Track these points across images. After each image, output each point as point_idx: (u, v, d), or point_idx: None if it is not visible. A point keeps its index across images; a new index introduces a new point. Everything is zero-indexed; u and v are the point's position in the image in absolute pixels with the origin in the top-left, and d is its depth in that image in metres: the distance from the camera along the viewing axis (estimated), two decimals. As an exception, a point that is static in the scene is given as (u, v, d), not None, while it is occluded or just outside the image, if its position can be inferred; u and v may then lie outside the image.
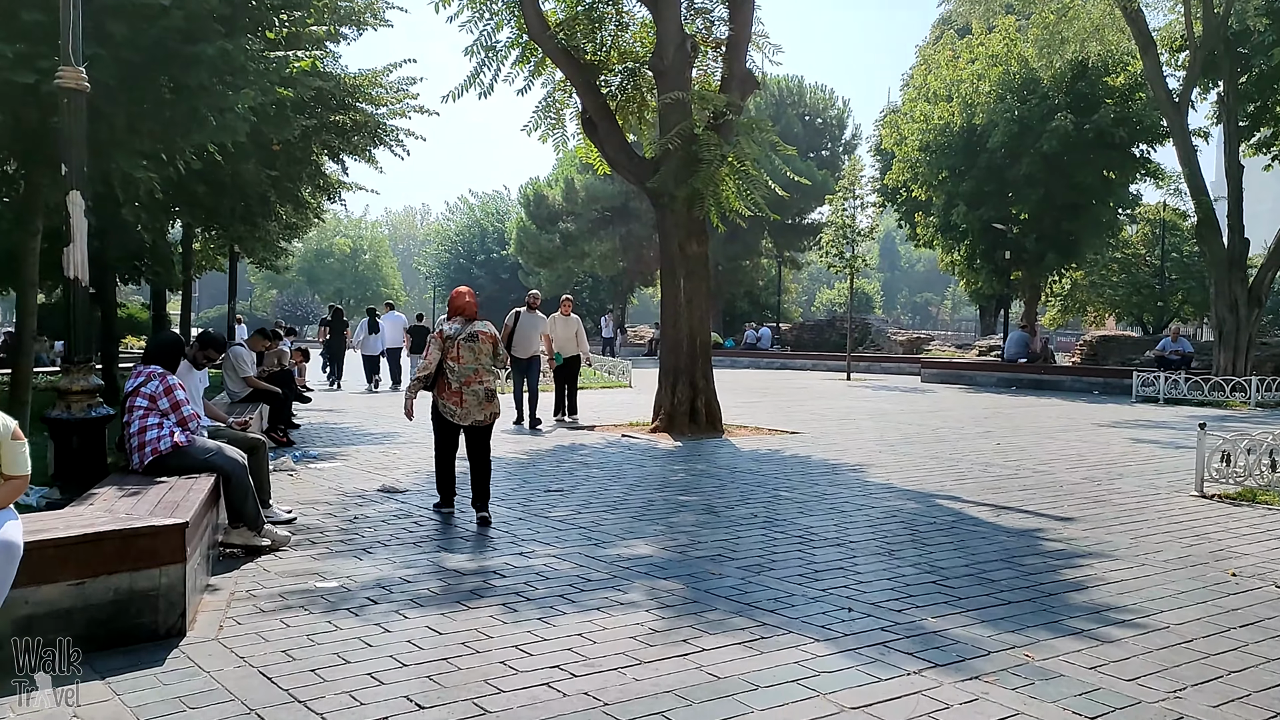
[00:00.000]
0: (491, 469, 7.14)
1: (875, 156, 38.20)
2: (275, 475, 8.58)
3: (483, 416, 6.96)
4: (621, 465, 9.67)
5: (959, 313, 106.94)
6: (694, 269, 12.58)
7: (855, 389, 22.13)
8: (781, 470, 9.43)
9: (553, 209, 44.98)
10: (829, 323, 41.10)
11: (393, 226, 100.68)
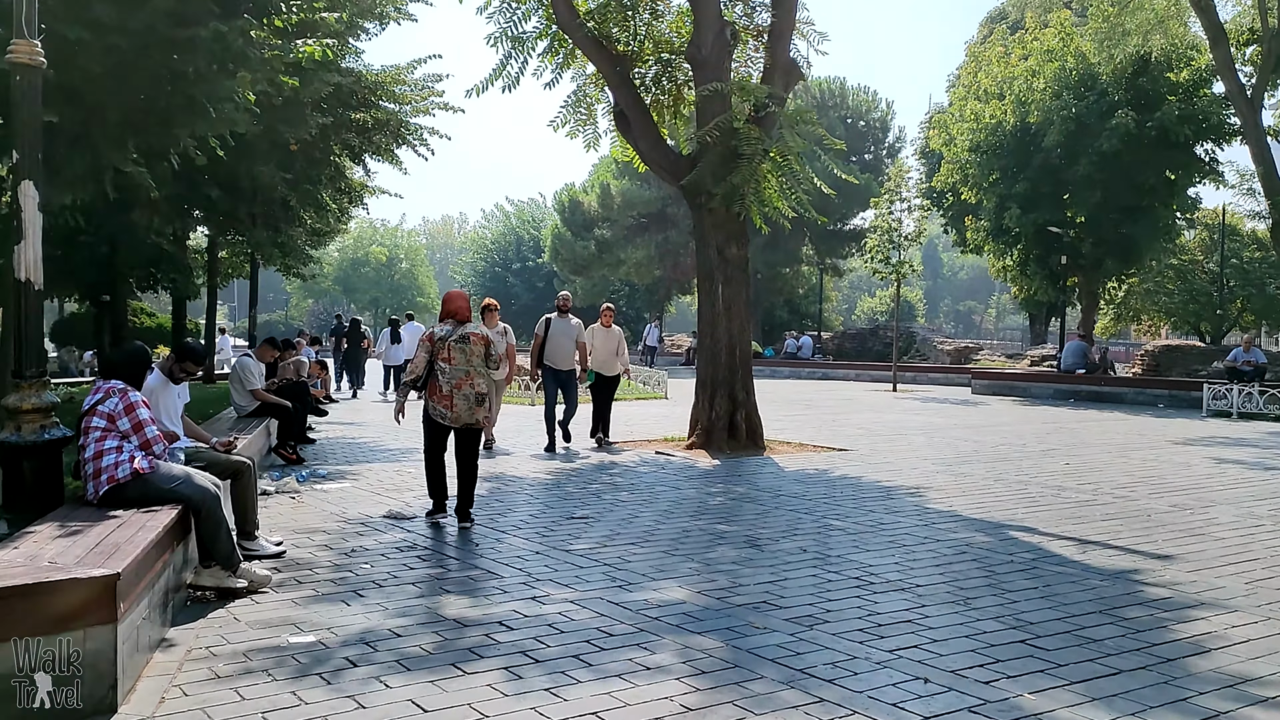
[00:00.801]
0: (478, 476, 7.13)
1: (920, 160, 37.08)
2: (276, 498, 7.89)
3: (473, 420, 6.94)
4: (654, 487, 8.83)
5: (1003, 321, 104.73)
6: (733, 274, 11.73)
7: (902, 400, 21.10)
8: (831, 494, 8.53)
9: (588, 215, 44.33)
10: (872, 331, 39.92)
11: (430, 235, 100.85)
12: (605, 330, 11.84)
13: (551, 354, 11.25)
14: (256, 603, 4.93)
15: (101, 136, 7.33)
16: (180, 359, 5.81)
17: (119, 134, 7.33)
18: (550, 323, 11.38)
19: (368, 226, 61.71)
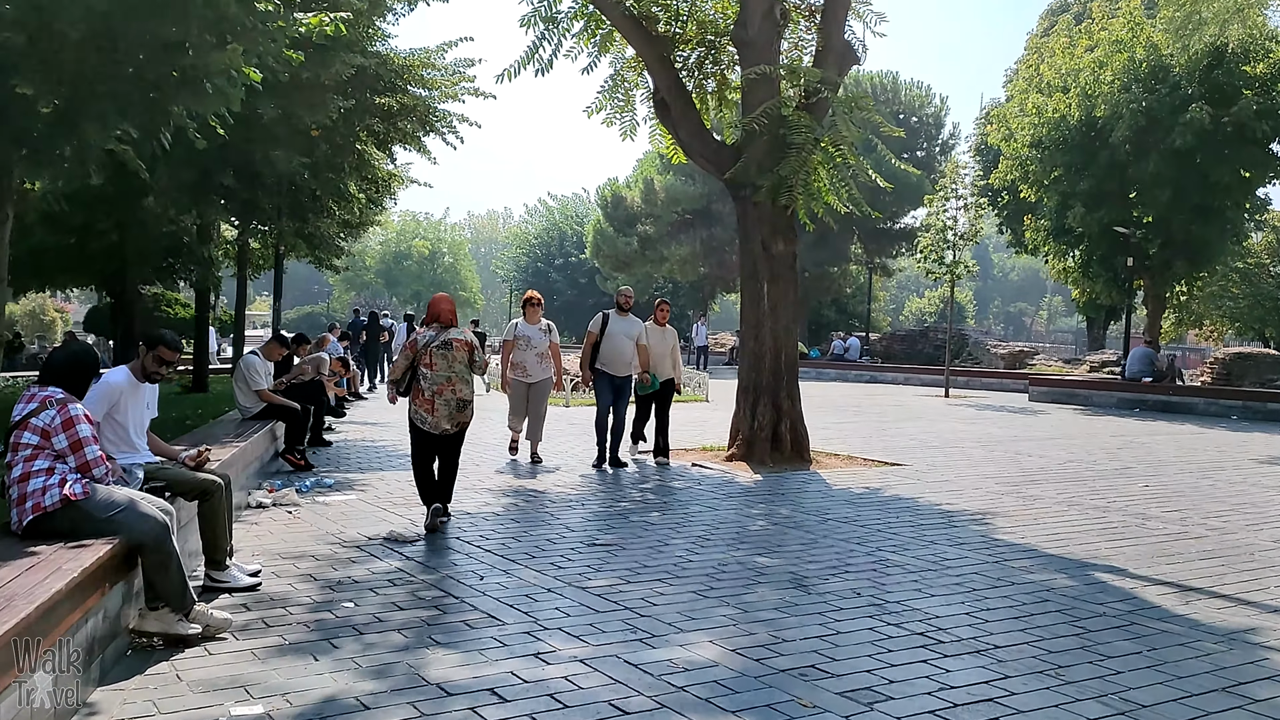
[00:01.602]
0: (456, 472, 7.18)
1: (975, 157, 35.70)
2: (271, 513, 7.18)
3: (450, 426, 6.93)
4: (689, 507, 7.99)
5: (1054, 324, 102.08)
6: (779, 272, 10.84)
7: (956, 408, 20.00)
8: (885, 520, 7.62)
9: (631, 211, 43.53)
10: (921, 333, 38.66)
11: (475, 229, 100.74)
12: (660, 330, 10.47)
13: (608, 356, 9.87)
14: (209, 653, 4.18)
15: (84, 112, 6.66)
16: (152, 347, 5.05)
17: (103, 110, 6.65)
18: (608, 320, 9.94)
19: (410, 220, 61.47)
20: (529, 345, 9.92)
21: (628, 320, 10.03)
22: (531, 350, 9.93)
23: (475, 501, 7.93)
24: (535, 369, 9.96)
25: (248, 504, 7.36)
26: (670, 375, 10.45)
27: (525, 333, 9.96)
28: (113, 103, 6.77)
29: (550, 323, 10.27)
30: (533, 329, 9.99)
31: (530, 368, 9.94)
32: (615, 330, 9.87)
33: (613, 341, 9.84)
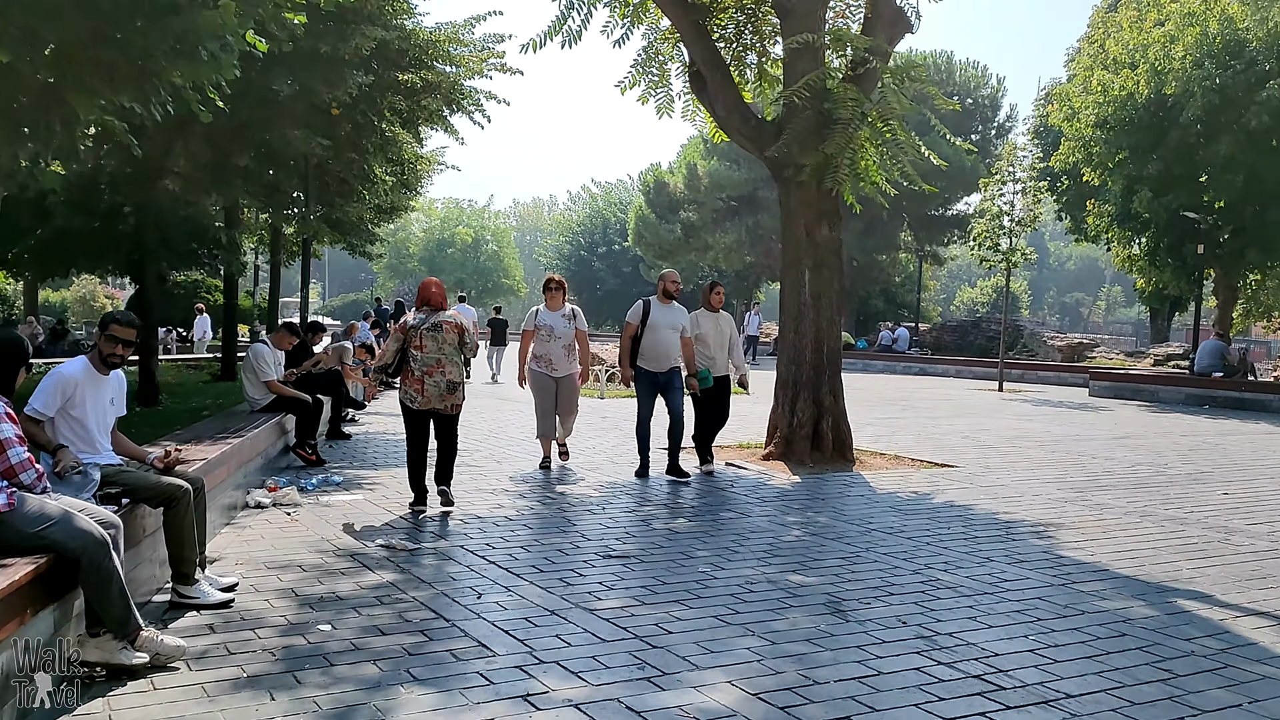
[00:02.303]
0: (457, 449, 7.29)
1: (1034, 140, 34.34)
2: (268, 514, 6.69)
3: (443, 406, 7.02)
4: (718, 513, 7.35)
5: (1112, 315, 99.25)
6: (824, 259, 10.12)
7: (1011, 403, 19.06)
8: (935, 531, 6.91)
9: (674, 197, 42.77)
10: (973, 323, 37.44)
11: (521, 217, 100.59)
12: (713, 317, 9.04)
13: (649, 350, 8.56)
14: (155, 688, 3.66)
15: (69, 82, 6.19)
16: (103, 327, 4.53)
17: (89, 79, 6.17)
18: (650, 309, 8.60)
19: (454, 207, 61.35)
20: (552, 335, 8.77)
21: (672, 309, 8.67)
22: (556, 341, 8.77)
23: (488, 503, 7.38)
24: (562, 362, 8.80)
25: (245, 504, 6.89)
26: (726, 371, 9.08)
27: (547, 321, 8.80)
28: (99, 71, 6.29)
29: (575, 308, 9.07)
30: (555, 316, 8.83)
31: (556, 361, 8.78)
32: (658, 321, 8.55)
33: (655, 334, 8.52)
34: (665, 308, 8.69)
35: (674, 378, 8.69)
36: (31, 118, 6.40)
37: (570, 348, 8.87)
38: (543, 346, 8.82)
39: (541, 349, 8.82)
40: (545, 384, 8.85)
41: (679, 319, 8.66)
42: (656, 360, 8.58)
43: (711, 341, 8.93)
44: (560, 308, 8.92)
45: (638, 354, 8.60)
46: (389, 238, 59.42)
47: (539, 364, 8.84)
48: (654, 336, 8.54)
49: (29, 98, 6.39)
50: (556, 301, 8.92)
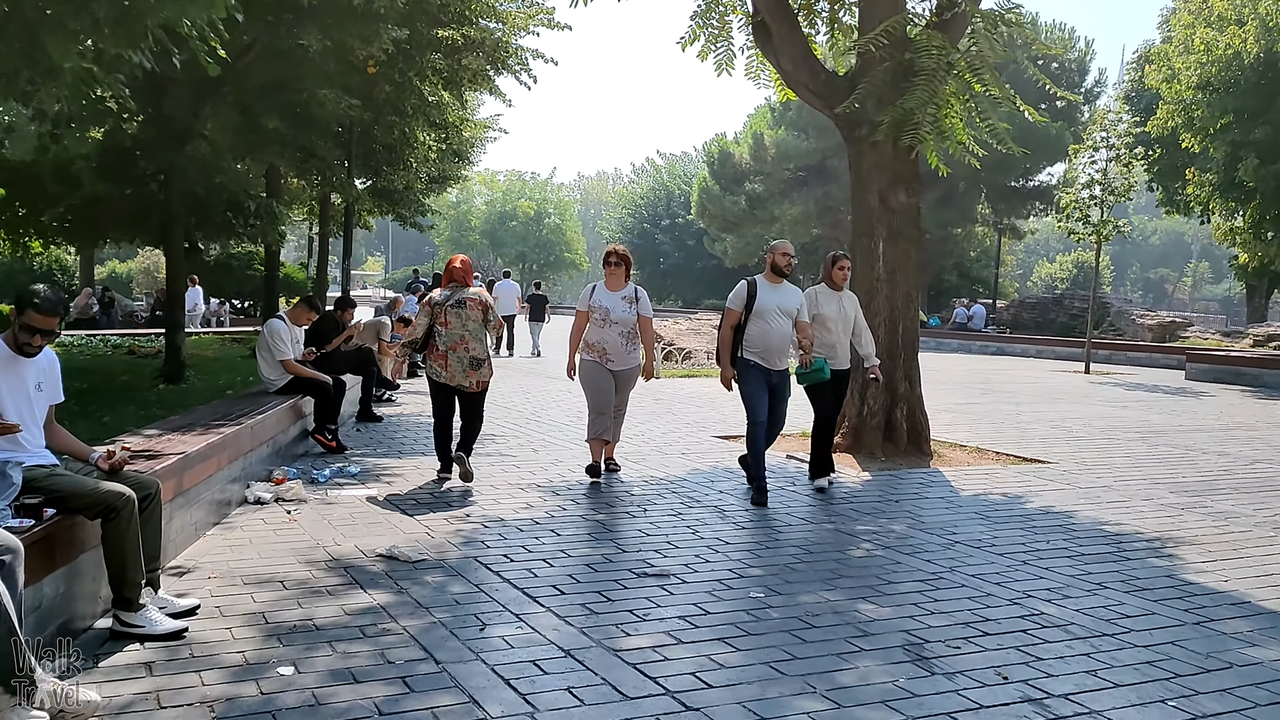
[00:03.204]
0: (482, 423, 7.34)
1: (1125, 106, 32.26)
2: (266, 511, 5.97)
3: (467, 383, 7.09)
4: (775, 520, 6.42)
5: (1199, 291, 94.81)
6: (900, 228, 9.05)
7: (1100, 387, 17.65)
8: (1032, 546, 5.89)
9: (739, 169, 41.48)
10: (1055, 300, 35.49)
11: (585, 190, 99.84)
12: (836, 296, 7.36)
13: (758, 341, 6.77)
14: (49, 758, 2.90)
15: (43, 25, 5.48)
16: (19, 310, 3.78)
17: (62, 17, 5.45)
18: (757, 291, 6.84)
19: (516, 179, 60.78)
20: (608, 320, 7.23)
21: (783, 290, 6.90)
22: (613, 327, 7.23)
23: (514, 503, 6.56)
24: (620, 352, 7.26)
25: (244, 499, 6.19)
26: (848, 366, 7.46)
27: (604, 302, 7.29)
28: (77, 10, 5.56)
29: (639, 288, 7.49)
30: (614, 297, 7.32)
31: (613, 350, 7.24)
32: (767, 304, 6.76)
33: (764, 321, 6.75)
34: (775, 288, 6.88)
35: (784, 379, 6.94)
36: (8, 66, 5.70)
37: (630, 335, 7.33)
38: (597, 333, 7.30)
39: (596, 336, 7.31)
40: (599, 378, 7.31)
41: (792, 301, 6.90)
42: (768, 353, 6.78)
43: (834, 326, 7.27)
44: (621, 287, 7.40)
45: (741, 346, 6.82)
46: (449, 210, 59.34)
47: (592, 354, 7.35)
48: (763, 325, 6.76)
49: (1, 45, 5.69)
50: (617, 279, 7.39)
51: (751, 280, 6.94)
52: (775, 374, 6.86)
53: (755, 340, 6.78)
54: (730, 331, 6.87)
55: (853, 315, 7.42)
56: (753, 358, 6.80)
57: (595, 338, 7.32)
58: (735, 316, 6.85)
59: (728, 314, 6.91)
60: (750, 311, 6.80)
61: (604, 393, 7.31)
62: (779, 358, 6.84)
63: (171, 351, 10.54)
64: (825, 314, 7.23)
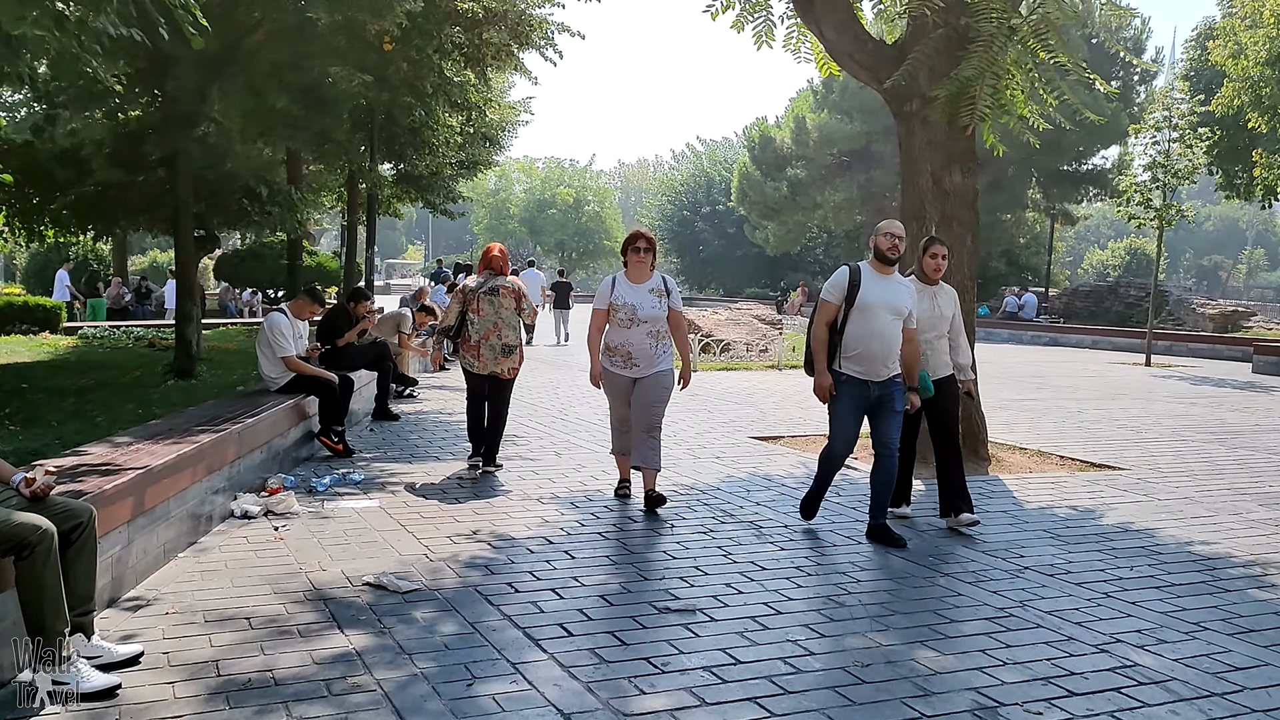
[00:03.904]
0: (505, 422, 7.34)
1: (1185, 85, 30.78)
2: (252, 527, 5.41)
3: (499, 369, 7.09)
4: (815, 537, 5.72)
5: (1254, 279, 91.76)
6: (954, 212, 8.27)
7: (1164, 380, 16.64)
8: (1114, 573, 5.14)
9: (780, 153, 40.45)
10: (1110, 288, 34.19)
11: (625, 178, 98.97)
12: (930, 291, 5.98)
13: (860, 345, 5.45)
14: None
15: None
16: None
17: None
18: (861, 281, 5.50)
19: (555, 166, 60.15)
20: (634, 317, 6.08)
21: (892, 283, 5.56)
22: (639, 325, 6.09)
23: (528, 518, 5.93)
24: (645, 355, 6.11)
25: (230, 513, 5.63)
26: (950, 371, 6.08)
27: (628, 297, 6.12)
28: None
29: (668, 278, 6.33)
30: (640, 291, 6.14)
31: (638, 354, 6.10)
32: (874, 299, 5.44)
33: (868, 321, 5.42)
34: (883, 279, 5.53)
35: (894, 392, 5.55)
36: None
37: (660, 335, 6.16)
38: (620, 334, 6.14)
39: (619, 337, 6.15)
40: (620, 386, 6.23)
41: (903, 297, 5.54)
42: (870, 361, 5.45)
43: (927, 327, 5.86)
44: (647, 278, 6.23)
45: (838, 349, 5.52)
46: (487, 198, 58.91)
47: (614, 359, 6.21)
48: (867, 324, 5.42)
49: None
50: (643, 269, 6.22)
51: (855, 267, 5.58)
52: (876, 386, 5.50)
53: (855, 343, 5.46)
54: (825, 330, 5.54)
55: (949, 314, 6.03)
56: (849, 369, 5.50)
57: (618, 340, 6.15)
58: (833, 311, 5.53)
59: (823, 307, 5.58)
60: (851, 306, 5.48)
61: (624, 403, 6.29)
62: (884, 365, 5.49)
63: (181, 345, 10.06)
64: (918, 314, 5.73)
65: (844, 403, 5.56)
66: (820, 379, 5.59)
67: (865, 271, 5.57)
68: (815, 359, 5.64)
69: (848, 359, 5.52)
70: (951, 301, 6.08)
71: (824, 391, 5.59)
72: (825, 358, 5.56)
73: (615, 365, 6.23)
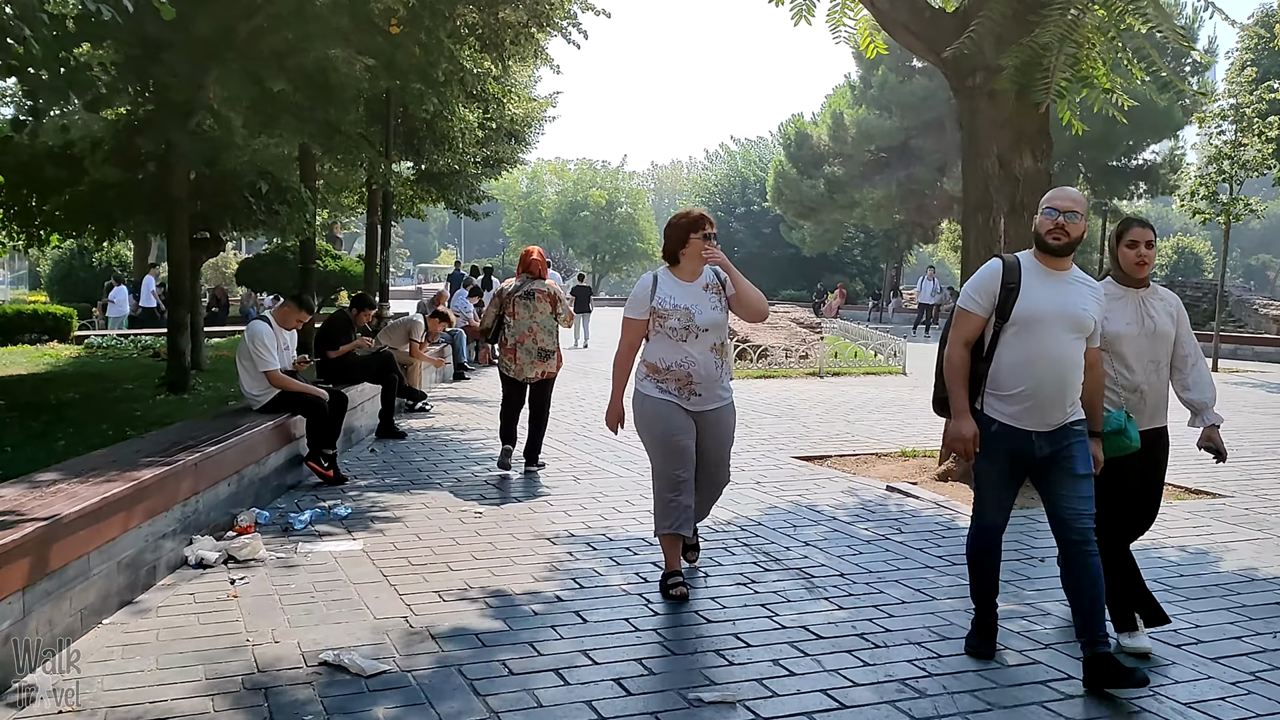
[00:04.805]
0: (547, 423, 7.30)
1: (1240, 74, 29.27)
2: (201, 584, 4.56)
3: (535, 374, 7.08)
4: (877, 589, 4.74)
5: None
6: (1026, 200, 7.25)
7: (1237, 389, 15.40)
8: (1250, 635, 4.12)
9: (817, 151, 39.35)
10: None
11: (659, 180, 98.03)
12: (1133, 299, 4.01)
13: (1021, 375, 3.66)
14: None
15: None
16: None
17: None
18: (1022, 277, 3.69)
19: (587, 168, 59.30)
20: (690, 325, 4.44)
21: (1067, 283, 3.73)
22: (699, 337, 4.46)
23: (537, 563, 5.02)
24: (709, 378, 4.51)
25: (184, 560, 4.79)
26: (1163, 420, 4.11)
27: (679, 299, 4.48)
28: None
29: (723, 269, 4.56)
30: (692, 290, 4.52)
31: (701, 376, 4.48)
32: (1041, 307, 3.65)
33: (1034, 339, 3.64)
34: (1054, 279, 3.71)
35: (1073, 447, 3.67)
36: None
37: (724, 349, 4.62)
38: (673, 350, 4.46)
39: (672, 354, 4.47)
40: (676, 424, 4.47)
41: (1085, 305, 3.69)
42: (1037, 402, 3.65)
43: (1132, 355, 3.96)
44: (700, 273, 4.55)
45: (985, 382, 3.76)
46: (519, 200, 58.21)
47: (666, 386, 4.49)
48: (1033, 344, 3.64)
49: None
50: (696, 262, 4.51)
51: (1012, 259, 3.75)
52: (1046, 440, 3.66)
53: (1013, 374, 3.65)
54: (966, 351, 3.75)
55: (1171, 331, 4.02)
56: (1000, 412, 3.70)
57: (672, 357, 4.44)
58: (977, 325, 3.73)
59: (962, 319, 3.75)
60: (1007, 318, 3.66)
61: (684, 450, 4.41)
62: (1057, 407, 3.65)
63: (174, 357, 9.31)
64: (1116, 331, 3.91)
65: (991, 461, 3.77)
66: (961, 425, 3.71)
67: (1027, 266, 3.72)
68: (951, 395, 3.77)
69: (999, 397, 3.70)
70: (1171, 312, 4.06)
71: (968, 446, 3.71)
72: (965, 394, 3.73)
73: (668, 393, 4.46)
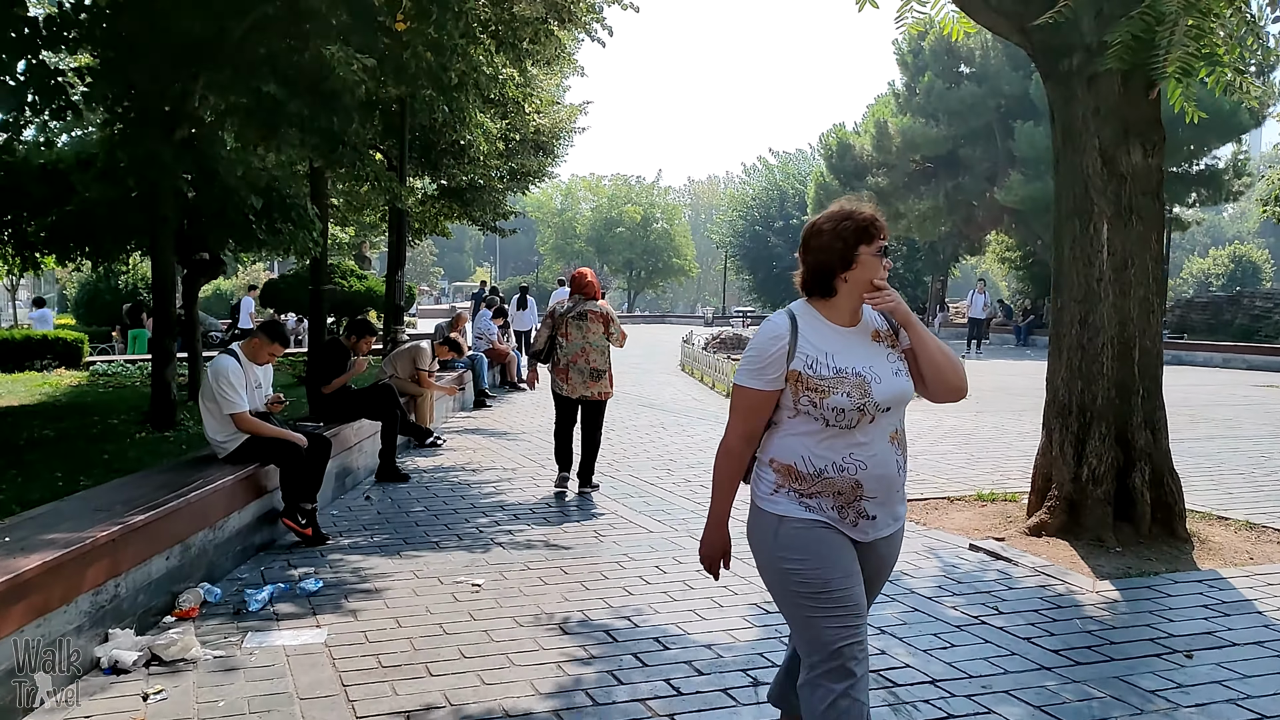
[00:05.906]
0: (600, 443, 7.29)
1: (1312, 72, 27.65)
2: (116, 694, 3.57)
3: (589, 394, 7.06)
4: (990, 711, 3.62)
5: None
6: (1134, 204, 6.11)
7: (1335, 409, 13.94)
8: None
9: (860, 161, 38.06)
10: (1231, 299, 31.01)
11: (695, 195, 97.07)
12: None
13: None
14: None
15: None
16: None
17: None
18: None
19: (622, 184, 58.51)
20: (864, 404, 2.57)
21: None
22: (877, 419, 2.60)
23: (536, 668, 3.95)
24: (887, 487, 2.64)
25: (96, 663, 3.80)
26: None
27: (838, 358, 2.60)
28: None
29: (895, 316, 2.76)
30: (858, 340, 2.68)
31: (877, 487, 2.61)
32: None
33: None
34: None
35: None
36: None
37: (902, 438, 2.72)
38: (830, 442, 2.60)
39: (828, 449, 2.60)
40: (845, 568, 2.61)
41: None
42: None
43: None
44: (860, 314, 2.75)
45: None
46: (553, 217, 57.54)
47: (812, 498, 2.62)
48: None
49: None
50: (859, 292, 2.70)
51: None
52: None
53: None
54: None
55: None
56: None
57: (829, 456, 2.60)
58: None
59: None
60: None
61: (857, 606, 2.58)
62: None
63: (159, 390, 8.42)
64: None
65: None
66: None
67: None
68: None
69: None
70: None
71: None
72: None
73: (821, 512, 2.62)
